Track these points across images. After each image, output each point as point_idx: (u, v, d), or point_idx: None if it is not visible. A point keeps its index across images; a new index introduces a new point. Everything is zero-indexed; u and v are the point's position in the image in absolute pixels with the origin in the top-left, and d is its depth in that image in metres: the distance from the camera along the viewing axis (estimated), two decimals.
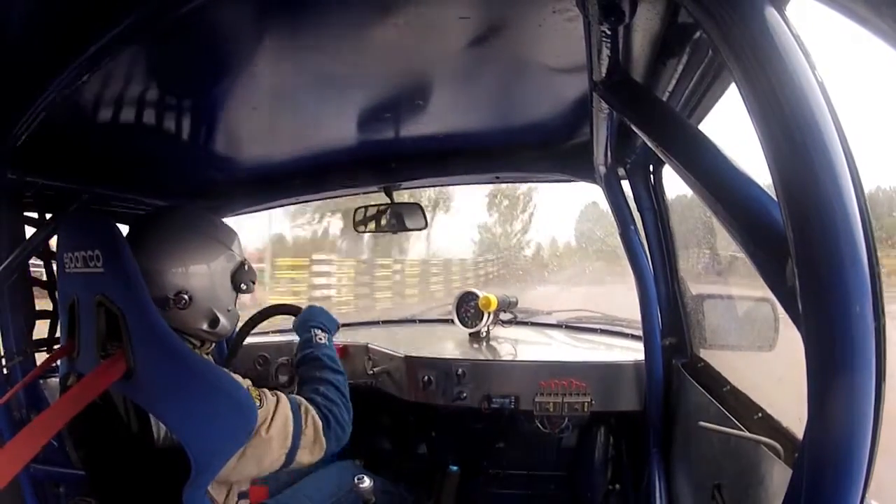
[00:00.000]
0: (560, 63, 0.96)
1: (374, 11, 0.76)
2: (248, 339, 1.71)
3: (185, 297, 1.08)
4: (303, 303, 1.70)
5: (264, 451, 1.04)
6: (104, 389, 0.96)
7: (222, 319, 1.14)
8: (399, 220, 1.80)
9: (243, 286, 1.18)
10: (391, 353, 1.91)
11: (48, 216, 1.35)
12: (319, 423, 1.11)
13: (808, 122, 0.42)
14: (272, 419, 1.04)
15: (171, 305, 1.06)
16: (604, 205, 1.52)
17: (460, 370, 1.76)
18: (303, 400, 1.13)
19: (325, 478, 1.42)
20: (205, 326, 1.13)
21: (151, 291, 1.01)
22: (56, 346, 1.38)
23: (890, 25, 0.38)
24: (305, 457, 1.09)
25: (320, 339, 1.31)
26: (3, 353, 1.35)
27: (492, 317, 2.03)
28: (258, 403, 1.03)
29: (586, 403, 1.64)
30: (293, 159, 1.56)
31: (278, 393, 1.10)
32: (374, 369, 1.94)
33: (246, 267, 1.19)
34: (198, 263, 1.10)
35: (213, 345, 1.23)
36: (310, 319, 1.37)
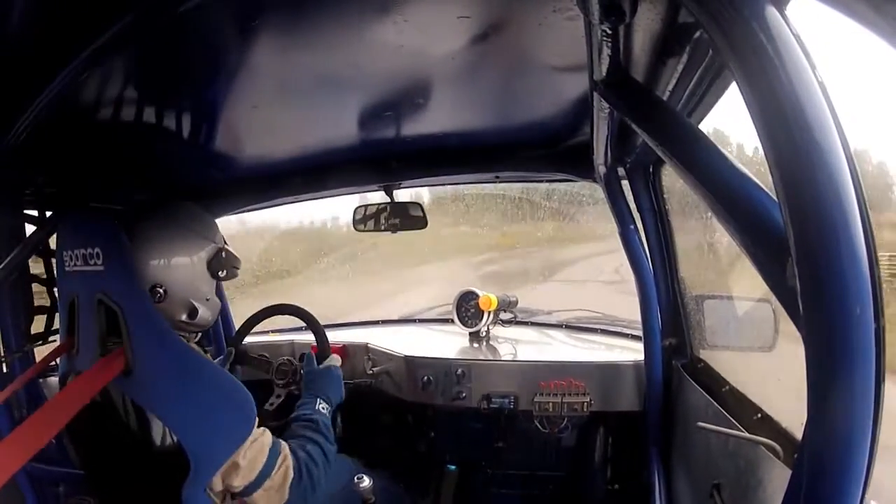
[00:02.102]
0: (560, 62, 0.96)
1: (374, 10, 0.76)
2: (248, 339, 1.71)
3: (160, 290, 1.08)
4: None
5: (229, 474, 1.02)
6: (103, 386, 0.96)
7: (201, 309, 1.14)
8: (399, 218, 1.80)
9: (222, 273, 1.18)
10: (391, 352, 1.91)
11: (48, 214, 1.36)
12: (290, 476, 1.08)
13: (809, 122, 0.41)
14: (247, 448, 1.02)
15: (148, 300, 1.06)
16: None
17: (460, 370, 1.76)
18: (286, 448, 1.10)
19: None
20: (184, 317, 1.13)
21: None
22: (53, 340, 1.38)
23: (890, 24, 0.38)
24: (261, 499, 1.06)
25: (322, 408, 1.29)
26: (2, 351, 1.35)
27: (492, 316, 2.03)
28: None
29: (586, 403, 1.64)
30: (293, 158, 1.56)
31: (266, 430, 1.08)
32: (374, 369, 1.94)
33: (223, 254, 1.18)
34: (169, 255, 1.10)
35: (199, 335, 1.23)
36: (321, 388, 1.35)
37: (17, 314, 1.35)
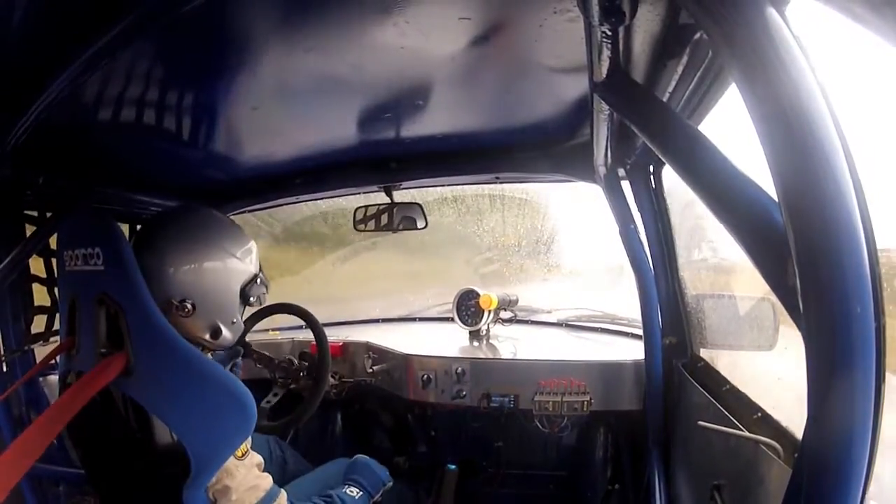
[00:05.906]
0: (560, 63, 0.96)
1: (375, 12, 0.76)
2: (248, 337, 1.71)
3: (189, 305, 1.06)
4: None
5: (218, 494, 0.99)
6: (103, 386, 0.96)
7: (224, 331, 1.13)
8: (399, 219, 1.80)
9: (253, 300, 1.17)
10: (391, 351, 1.92)
11: (48, 215, 1.36)
12: None
13: (808, 123, 0.42)
14: (243, 482, 1.00)
15: (174, 311, 1.05)
16: None
17: (460, 369, 1.76)
18: (284, 497, 1.07)
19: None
20: (206, 336, 1.12)
21: (156, 294, 0.99)
22: (53, 339, 1.38)
23: (889, 25, 0.38)
24: None
25: (350, 491, 1.28)
26: (2, 351, 1.35)
27: (492, 315, 2.03)
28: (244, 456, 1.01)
29: (586, 403, 1.64)
30: (294, 159, 1.56)
31: (269, 475, 1.06)
32: (374, 367, 1.94)
33: (258, 281, 1.17)
34: (207, 274, 1.09)
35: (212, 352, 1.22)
36: (351, 472, 1.36)
37: (17, 314, 1.35)
